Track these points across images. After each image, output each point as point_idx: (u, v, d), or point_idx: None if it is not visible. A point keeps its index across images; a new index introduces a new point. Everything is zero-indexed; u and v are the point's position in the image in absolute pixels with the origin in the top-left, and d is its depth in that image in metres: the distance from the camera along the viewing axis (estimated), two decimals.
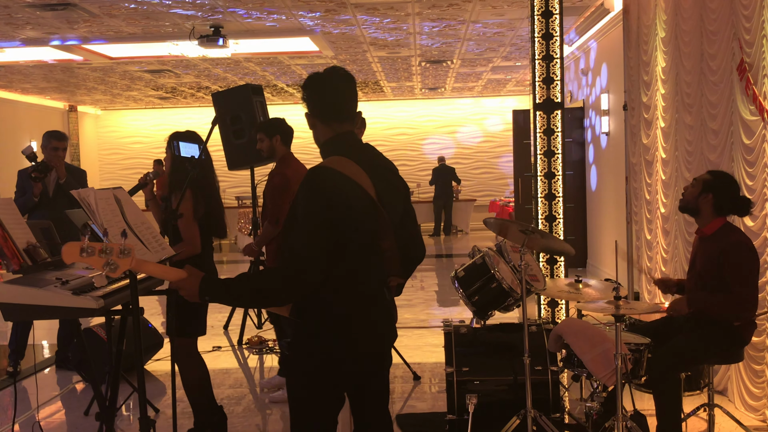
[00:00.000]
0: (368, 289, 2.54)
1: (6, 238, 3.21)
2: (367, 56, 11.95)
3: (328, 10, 8.64)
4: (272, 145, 5.16)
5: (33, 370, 6.24)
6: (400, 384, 5.71)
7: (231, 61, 11.95)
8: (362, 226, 2.47)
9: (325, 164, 2.49)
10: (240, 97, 7.07)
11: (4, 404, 5.62)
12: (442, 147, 18.67)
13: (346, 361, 2.51)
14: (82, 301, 2.92)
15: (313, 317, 2.50)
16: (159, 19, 8.91)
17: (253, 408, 5.28)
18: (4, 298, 2.93)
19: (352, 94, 2.62)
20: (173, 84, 14.79)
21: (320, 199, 2.41)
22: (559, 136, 6.58)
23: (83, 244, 2.25)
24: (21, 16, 8.62)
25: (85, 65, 12.24)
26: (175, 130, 4.38)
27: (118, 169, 19.43)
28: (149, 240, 3.09)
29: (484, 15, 9.19)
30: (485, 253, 4.00)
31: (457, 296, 9.53)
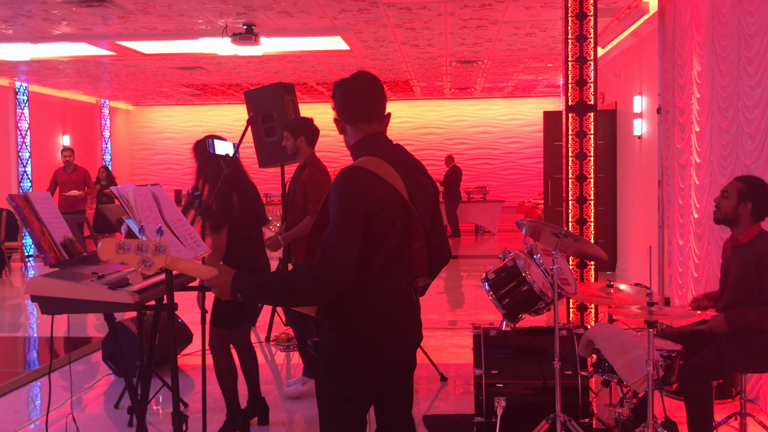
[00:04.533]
0: (398, 290, 2.55)
1: (44, 232, 3.26)
2: (397, 55, 11.95)
3: (361, 9, 8.65)
4: (296, 145, 5.20)
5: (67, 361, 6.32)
6: (426, 384, 5.70)
7: (262, 59, 12.01)
8: (394, 227, 2.47)
9: (357, 165, 2.50)
10: (272, 96, 7.10)
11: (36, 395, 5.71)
12: (470, 147, 18.63)
13: (375, 361, 2.51)
14: (118, 295, 2.96)
15: (342, 317, 2.50)
16: (192, 16, 8.98)
17: (279, 405, 5.30)
18: (42, 292, 2.98)
19: (379, 95, 2.63)
20: (204, 81, 14.90)
21: (353, 199, 2.42)
22: (592, 138, 6.54)
23: (120, 240, 2.27)
24: (57, 12, 8.73)
25: (118, 61, 12.37)
26: (205, 126, 4.45)
27: (149, 165, 19.62)
28: (185, 237, 3.11)
29: (517, 15, 9.15)
30: (516, 255, 3.98)
31: (483, 298, 9.52)
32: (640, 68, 9.49)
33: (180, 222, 3.16)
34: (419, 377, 5.79)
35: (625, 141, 10.46)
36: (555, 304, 3.84)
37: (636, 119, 9.59)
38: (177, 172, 19.29)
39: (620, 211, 10.95)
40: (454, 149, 18.65)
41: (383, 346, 2.52)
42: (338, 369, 2.53)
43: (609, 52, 11.12)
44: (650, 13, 8.53)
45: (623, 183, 10.69)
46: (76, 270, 3.23)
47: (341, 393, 2.54)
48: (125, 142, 19.52)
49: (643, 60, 9.33)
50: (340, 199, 2.43)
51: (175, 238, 3.02)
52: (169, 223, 3.05)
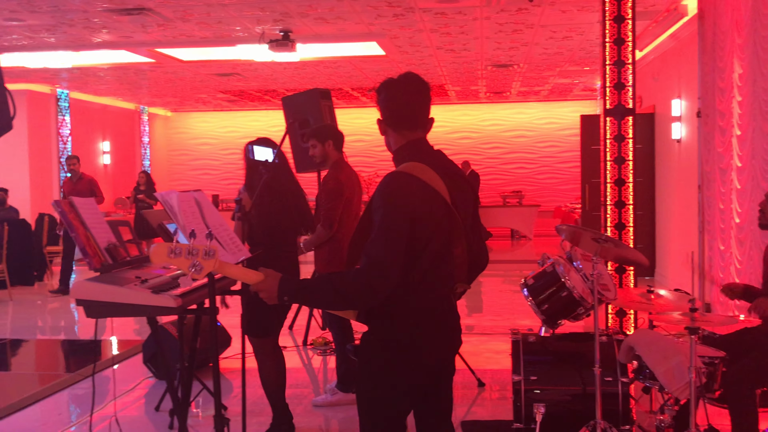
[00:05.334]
0: (439, 295, 2.55)
1: (88, 237, 3.32)
2: (432, 60, 11.95)
3: (396, 15, 8.68)
4: (325, 150, 5.19)
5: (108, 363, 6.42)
6: (463, 390, 5.69)
7: (298, 65, 12.10)
8: (438, 232, 2.48)
9: (401, 170, 2.51)
10: (308, 101, 7.16)
11: (79, 397, 5.81)
12: (505, 151, 18.56)
13: (415, 366, 2.52)
14: (161, 299, 3.01)
15: (383, 322, 2.51)
16: (230, 23, 9.08)
17: (311, 408, 5.33)
18: (87, 296, 3.03)
19: (426, 102, 2.62)
20: (241, 87, 15.05)
21: (398, 205, 2.43)
22: (630, 142, 6.47)
23: (171, 245, 2.31)
24: (98, 20, 8.89)
25: (157, 68, 12.55)
26: (242, 132, 4.50)
27: (187, 170, 19.86)
28: (226, 242, 3.15)
29: (553, 19, 9.11)
30: (555, 261, 3.95)
31: (520, 303, 9.46)
32: (679, 71, 9.38)
33: (222, 227, 3.20)
34: (456, 382, 5.76)
35: (664, 145, 10.33)
36: (595, 310, 3.81)
37: (675, 123, 9.47)
38: (214, 177, 19.49)
39: (659, 216, 10.81)
40: (489, 153, 18.59)
41: (423, 351, 2.52)
42: (378, 373, 2.54)
43: (647, 55, 11.00)
44: (689, 16, 8.42)
45: (662, 187, 10.56)
46: (120, 274, 3.28)
47: (381, 398, 2.55)
48: (164, 148, 19.78)
49: (681, 63, 9.21)
50: (384, 204, 2.43)
51: (217, 243, 3.06)
52: (211, 228, 3.09)
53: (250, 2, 8.10)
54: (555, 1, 8.21)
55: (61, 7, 8.24)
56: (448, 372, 2.72)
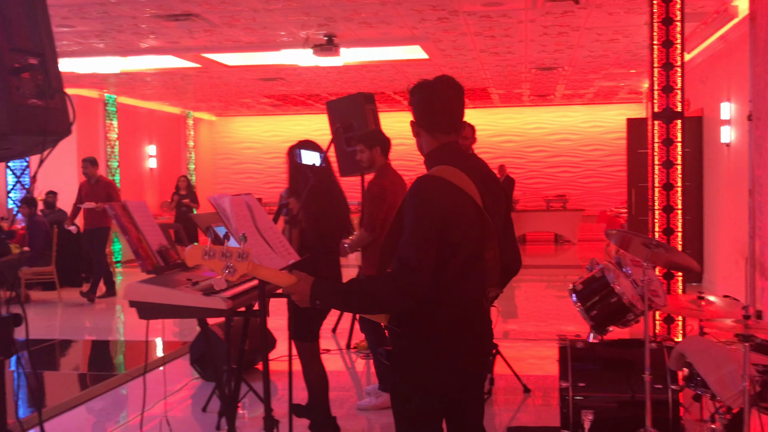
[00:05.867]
0: (471, 300, 2.53)
1: (140, 240, 3.38)
2: (476, 63, 11.91)
3: (441, 18, 8.67)
4: (372, 155, 5.22)
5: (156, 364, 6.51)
6: (508, 396, 5.65)
7: (341, 69, 12.16)
8: (469, 236, 2.46)
9: (433, 173, 2.50)
10: (352, 106, 7.19)
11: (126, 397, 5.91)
12: (549, 155, 18.41)
13: (446, 370, 2.51)
14: (212, 301, 3.04)
15: (415, 327, 2.50)
16: (275, 28, 9.17)
17: (354, 413, 5.34)
18: (140, 297, 3.08)
19: (461, 106, 2.62)
20: (285, 92, 15.18)
21: (429, 208, 2.42)
22: (679, 146, 6.37)
23: (206, 247, 2.34)
24: (145, 26, 9.05)
25: (202, 73, 12.72)
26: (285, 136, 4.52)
27: (230, 174, 20.08)
28: (276, 245, 3.18)
29: (599, 22, 9.01)
30: (605, 266, 3.91)
31: (564, 308, 9.37)
32: (728, 74, 9.20)
33: (271, 230, 3.23)
34: (501, 388, 5.75)
35: (712, 148, 10.15)
36: (646, 317, 3.76)
37: (724, 126, 9.29)
38: (257, 181, 19.68)
39: (707, 221, 10.62)
40: (532, 157, 18.46)
41: (455, 355, 2.50)
42: (410, 378, 2.53)
43: (695, 57, 10.82)
44: (739, 17, 8.26)
45: (710, 192, 10.37)
46: (172, 276, 3.33)
47: (414, 402, 2.54)
48: (208, 152, 20.03)
49: (731, 65, 9.04)
50: (415, 208, 2.43)
51: (267, 246, 3.09)
52: (262, 231, 3.12)
53: (295, 7, 8.17)
54: (602, 4, 8.13)
55: (111, 13, 8.40)
56: (480, 376, 2.70)
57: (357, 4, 8.07)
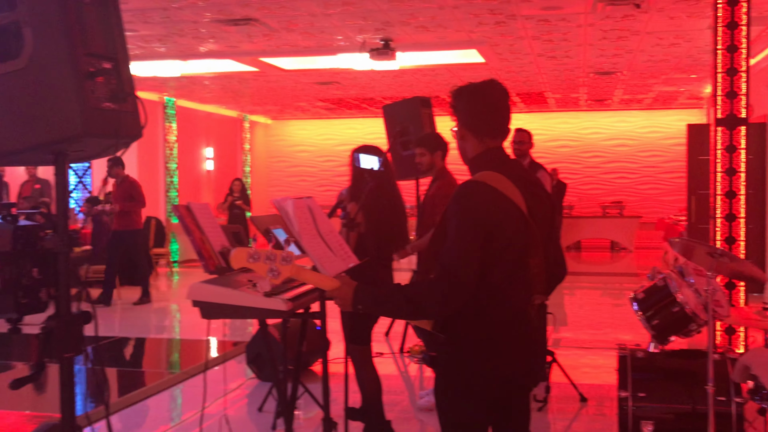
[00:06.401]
0: (515, 306, 2.50)
1: (204, 241, 3.44)
2: (533, 67, 11.82)
3: (498, 22, 8.63)
4: (433, 159, 5.20)
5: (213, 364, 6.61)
6: (564, 404, 5.58)
7: (396, 73, 12.19)
8: (513, 242, 2.44)
9: (477, 179, 2.48)
10: (409, 110, 7.20)
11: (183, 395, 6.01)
12: (605, 160, 18.15)
13: (490, 378, 2.48)
14: (272, 302, 3.08)
15: (458, 333, 2.49)
16: (333, 32, 9.24)
17: (407, 415, 5.34)
18: (203, 297, 3.14)
19: (508, 110, 2.59)
20: (340, 95, 15.28)
21: (472, 214, 2.40)
22: (743, 153, 6.22)
23: (251, 250, 2.36)
24: (205, 30, 9.21)
25: (260, 77, 12.89)
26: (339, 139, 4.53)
27: (285, 177, 20.29)
28: (336, 248, 3.21)
29: (660, 26, 8.86)
30: (667, 275, 3.84)
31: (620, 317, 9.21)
32: None
33: (332, 234, 3.25)
34: (556, 396, 5.68)
35: None
36: (710, 327, 3.68)
37: None
38: (311, 184, 19.84)
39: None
40: (589, 162, 18.21)
41: (498, 362, 2.48)
42: (455, 385, 2.52)
43: (759, 62, 10.55)
44: None
45: None
46: (233, 277, 3.38)
47: (459, 409, 2.53)
48: (263, 155, 20.27)
49: None
50: (459, 213, 2.41)
51: (327, 249, 3.12)
52: (323, 234, 3.15)
53: (353, 12, 8.22)
54: (663, 8, 7.99)
55: (172, 18, 8.57)
56: (525, 384, 2.66)
57: (414, 9, 8.08)
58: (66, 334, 2.32)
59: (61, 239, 2.31)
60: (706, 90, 14.56)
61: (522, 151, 6.21)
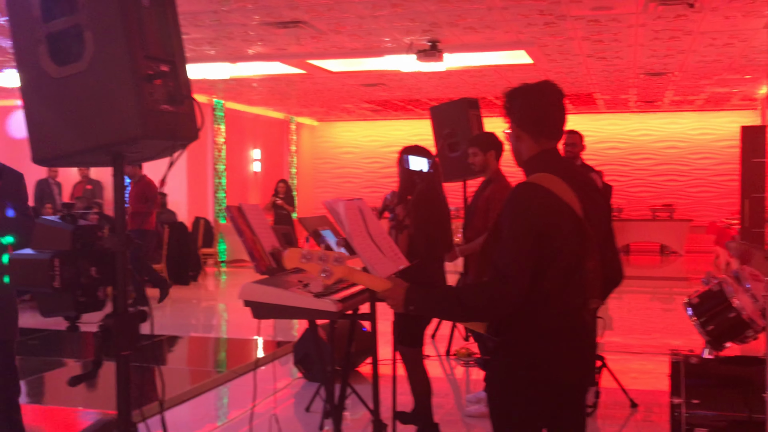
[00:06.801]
0: (570, 310, 2.47)
1: (255, 242, 3.47)
2: (582, 68, 11.69)
3: (547, 23, 8.55)
4: (486, 159, 5.15)
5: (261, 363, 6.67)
6: (613, 410, 5.50)
7: (442, 74, 12.16)
8: (568, 246, 2.40)
9: (531, 181, 2.46)
10: (456, 111, 7.18)
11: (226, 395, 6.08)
12: (655, 163, 17.86)
13: (544, 382, 2.45)
14: (322, 303, 3.10)
15: (512, 336, 2.46)
16: (380, 34, 9.26)
17: (452, 418, 5.32)
18: (255, 297, 3.17)
19: (564, 111, 2.57)
20: (386, 97, 15.30)
21: (527, 216, 2.38)
22: None
23: (304, 250, 2.37)
24: (254, 33, 9.30)
25: (307, 79, 12.97)
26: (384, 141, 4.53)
27: (330, 178, 20.39)
28: (387, 250, 3.21)
29: (714, 26, 8.68)
30: (723, 280, 3.75)
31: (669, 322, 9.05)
32: None
33: (382, 236, 3.26)
34: (606, 402, 5.60)
35: None
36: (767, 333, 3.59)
37: None
38: (356, 185, 19.90)
39: None
40: (638, 165, 17.94)
41: (553, 367, 2.45)
42: (508, 389, 2.49)
43: None
44: None
45: None
46: (284, 278, 3.41)
47: (512, 413, 2.51)
48: (309, 156, 20.40)
49: None
50: (513, 216, 2.40)
51: (378, 250, 3.12)
52: (373, 236, 3.16)
53: (401, 14, 8.22)
54: (717, 7, 7.82)
55: (222, 21, 8.67)
56: (580, 389, 2.62)
57: (462, 10, 8.06)
58: (123, 332, 2.36)
59: (119, 239, 2.36)
60: (761, 91, 14.23)
61: (573, 153, 6.14)
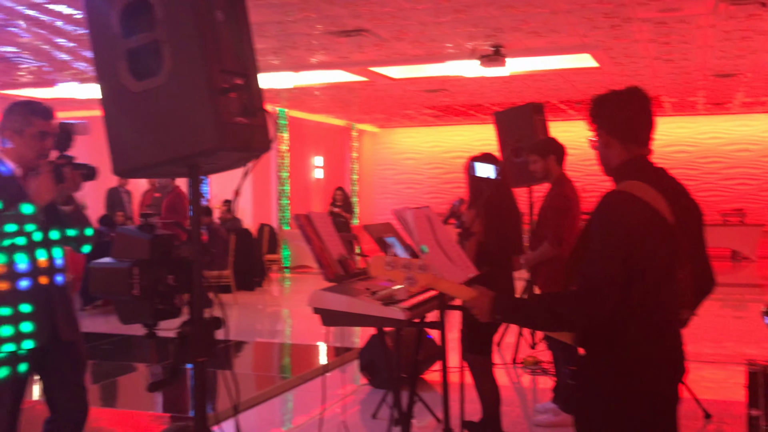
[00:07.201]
0: (660, 321, 2.41)
1: (323, 250, 3.51)
2: (648, 71, 11.46)
3: (613, 26, 8.42)
4: (547, 165, 5.11)
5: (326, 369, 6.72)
6: (686, 421, 5.35)
7: (505, 79, 12.08)
8: (658, 254, 2.35)
9: (622, 189, 2.42)
10: (521, 116, 7.13)
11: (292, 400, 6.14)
12: (725, 166, 17.39)
13: (634, 395, 2.40)
14: (391, 311, 3.11)
15: (601, 347, 2.42)
16: (442, 41, 9.25)
17: (519, 427, 5.25)
18: (324, 305, 3.20)
19: (652, 117, 2.53)
20: (447, 102, 15.27)
21: (616, 225, 2.34)
22: None
23: (389, 258, 2.38)
24: (317, 42, 9.40)
25: (368, 86, 13.04)
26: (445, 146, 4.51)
27: (391, 184, 20.44)
28: (455, 258, 3.20)
29: None
30: None
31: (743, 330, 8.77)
32: None
33: (451, 243, 3.25)
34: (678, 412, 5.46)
35: None
36: None
37: None
38: (416, 191, 19.90)
39: None
40: (707, 168, 17.49)
41: (644, 378, 2.40)
42: (598, 400, 2.45)
43: None
44: None
45: None
46: (352, 285, 3.43)
47: (602, 426, 2.46)
48: (370, 163, 20.50)
49: None
50: (603, 225, 2.36)
51: (446, 258, 3.12)
52: (441, 244, 3.16)
53: (464, 20, 8.21)
54: None
55: (287, 31, 8.79)
56: (672, 401, 2.56)
57: (526, 15, 7.99)
58: (199, 339, 2.41)
59: (195, 248, 2.41)
60: None
61: None
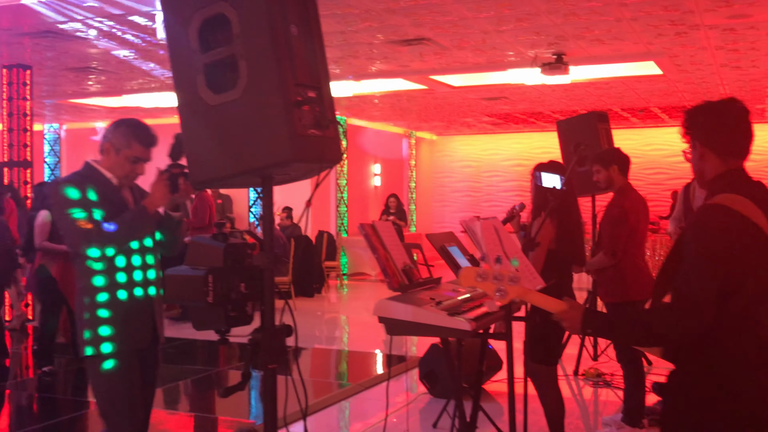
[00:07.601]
0: (758, 338, 2.35)
1: (388, 259, 3.53)
2: (714, 78, 11.22)
3: (679, 33, 8.28)
4: (609, 175, 5.06)
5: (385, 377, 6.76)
6: None
7: (567, 87, 11.95)
8: (757, 269, 2.30)
9: (718, 202, 2.37)
10: (584, 125, 7.06)
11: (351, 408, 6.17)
12: None
13: (733, 413, 2.33)
14: (457, 322, 3.11)
15: (695, 363, 2.36)
16: (504, 49, 9.22)
17: None
18: (389, 314, 3.22)
19: (751, 128, 2.48)
20: (507, 110, 15.19)
21: (712, 240, 2.29)
22: None
23: (479, 269, 2.38)
24: (377, 51, 9.46)
25: (427, 94, 13.06)
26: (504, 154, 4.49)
27: (449, 192, 20.39)
28: (523, 269, 3.20)
29: None
30: None
31: None
32: None
33: (518, 254, 3.25)
34: None
35: None
36: None
37: None
38: (474, 200, 19.81)
39: None
40: None
41: (741, 397, 2.32)
42: (690, 418, 2.39)
43: None
44: None
45: None
46: (416, 295, 3.45)
47: None
48: (428, 170, 20.49)
49: None
50: (698, 239, 2.32)
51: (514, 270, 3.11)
52: (509, 255, 3.15)
53: (526, 28, 8.17)
54: None
55: (349, 41, 8.88)
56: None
57: (590, 22, 7.92)
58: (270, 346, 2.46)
59: (267, 257, 2.46)
60: None
61: None
